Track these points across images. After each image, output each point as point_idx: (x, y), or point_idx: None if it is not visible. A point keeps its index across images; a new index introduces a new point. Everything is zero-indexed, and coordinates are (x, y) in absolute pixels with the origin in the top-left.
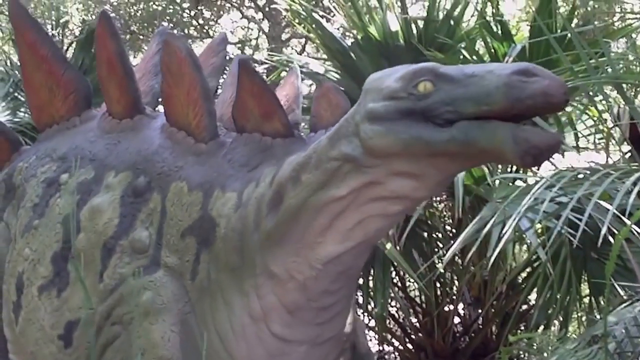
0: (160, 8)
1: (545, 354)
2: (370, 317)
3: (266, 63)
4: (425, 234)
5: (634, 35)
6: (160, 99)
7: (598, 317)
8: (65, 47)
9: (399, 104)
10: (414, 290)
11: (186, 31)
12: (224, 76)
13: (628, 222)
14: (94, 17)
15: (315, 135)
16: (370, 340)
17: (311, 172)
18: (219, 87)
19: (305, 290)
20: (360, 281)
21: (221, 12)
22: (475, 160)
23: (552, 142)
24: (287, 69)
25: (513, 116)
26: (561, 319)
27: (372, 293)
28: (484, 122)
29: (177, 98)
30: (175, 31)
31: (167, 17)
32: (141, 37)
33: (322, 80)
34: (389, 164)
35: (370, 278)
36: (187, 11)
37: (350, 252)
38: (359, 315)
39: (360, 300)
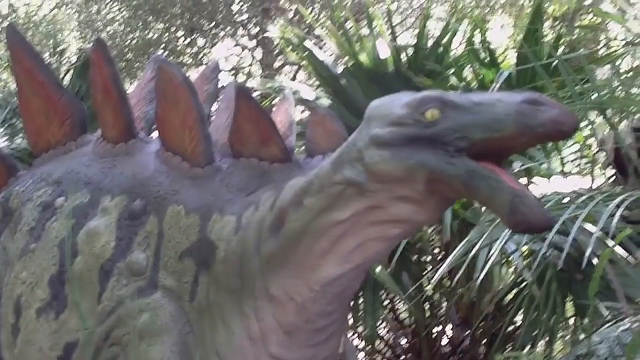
0: (155, 36)
1: None
2: (360, 339)
3: (259, 90)
4: (415, 257)
5: (618, 62)
6: (154, 125)
7: (583, 337)
8: (62, 75)
9: (406, 131)
10: (403, 312)
11: (181, 59)
12: (217, 103)
13: (612, 243)
14: (90, 45)
15: (312, 161)
16: None
17: (314, 196)
18: (212, 114)
19: (304, 312)
20: (351, 303)
21: (215, 41)
22: (472, 199)
23: (546, 223)
24: (280, 95)
25: (520, 144)
26: (547, 339)
27: (362, 315)
28: (491, 176)
29: (172, 123)
30: (170, 59)
31: (162, 45)
32: (137, 64)
33: (314, 107)
34: (392, 189)
35: (361, 300)
36: (182, 39)
37: (349, 275)
38: (349, 337)
39: (351, 321)
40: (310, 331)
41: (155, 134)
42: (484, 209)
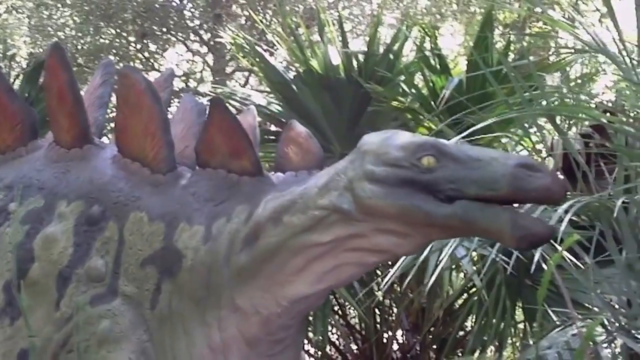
0: (107, 41)
1: None
2: (310, 344)
3: (210, 95)
4: None
5: (567, 69)
6: (103, 131)
7: (532, 342)
8: (12, 79)
9: (401, 173)
10: (353, 317)
11: (132, 64)
12: (169, 110)
13: (559, 248)
14: (41, 50)
15: (283, 175)
16: None
17: (295, 215)
18: None
19: (267, 324)
20: None
21: (166, 46)
22: (468, 235)
23: (549, 232)
24: (231, 101)
25: (510, 202)
26: (496, 344)
27: (312, 320)
28: (485, 205)
29: (133, 129)
30: (120, 64)
31: (114, 50)
32: (87, 69)
33: (291, 122)
34: (379, 222)
35: None
36: (133, 44)
37: (318, 294)
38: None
39: None
40: (269, 342)
41: (106, 140)
42: None
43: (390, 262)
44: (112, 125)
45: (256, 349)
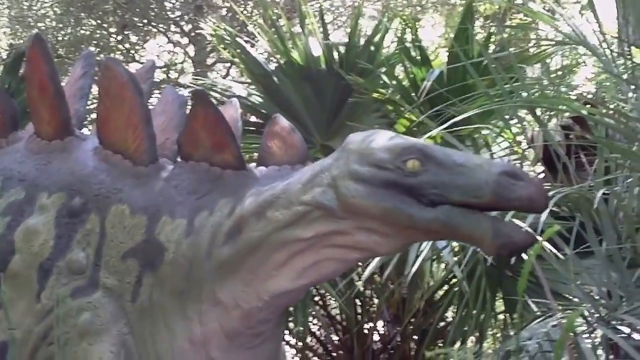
0: (87, 33)
1: None
2: (291, 335)
3: (191, 87)
4: None
5: (548, 61)
6: (84, 122)
7: (512, 332)
8: None
9: (386, 175)
10: (334, 308)
11: (113, 55)
12: (150, 102)
13: (540, 238)
14: (21, 41)
15: (266, 169)
16: (293, 358)
17: (279, 210)
18: None
19: (248, 318)
20: None
21: (147, 37)
22: (449, 238)
23: (529, 240)
24: (212, 92)
25: (493, 209)
26: (477, 334)
27: (293, 311)
28: (467, 211)
29: (115, 121)
30: (101, 55)
31: (94, 42)
32: (68, 60)
33: (275, 116)
34: (361, 220)
35: None
36: (114, 36)
37: (299, 289)
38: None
39: None
40: (249, 335)
41: (86, 131)
42: None
43: None
44: (93, 116)
45: (236, 342)
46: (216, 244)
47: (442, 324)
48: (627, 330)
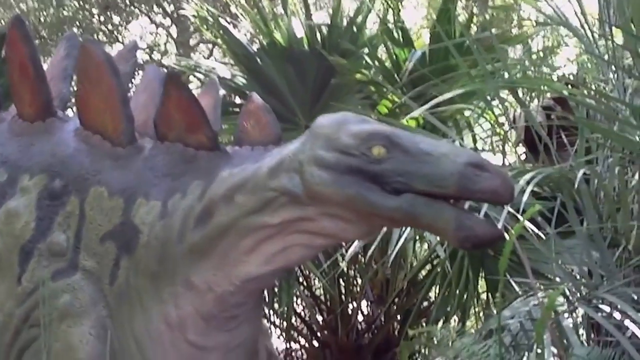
0: (70, 14)
1: (443, 348)
2: (276, 315)
3: (174, 68)
4: None
5: (529, 42)
6: (67, 104)
7: (494, 312)
8: None
9: (351, 161)
10: (318, 288)
11: (95, 36)
12: (133, 82)
13: (521, 218)
14: (2, 23)
15: (240, 150)
16: (278, 338)
17: (246, 195)
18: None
19: (221, 302)
20: None
21: (130, 18)
22: (412, 226)
23: (495, 234)
24: (195, 73)
25: (457, 199)
26: (460, 314)
27: (277, 291)
28: (431, 200)
29: (93, 102)
30: (84, 36)
31: (77, 23)
32: (50, 42)
33: (251, 95)
34: (326, 207)
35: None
36: (97, 17)
37: (269, 274)
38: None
39: (267, 298)
40: (225, 318)
41: (69, 112)
42: None
43: None
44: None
45: (212, 325)
46: (188, 227)
47: (425, 303)
48: (607, 309)
